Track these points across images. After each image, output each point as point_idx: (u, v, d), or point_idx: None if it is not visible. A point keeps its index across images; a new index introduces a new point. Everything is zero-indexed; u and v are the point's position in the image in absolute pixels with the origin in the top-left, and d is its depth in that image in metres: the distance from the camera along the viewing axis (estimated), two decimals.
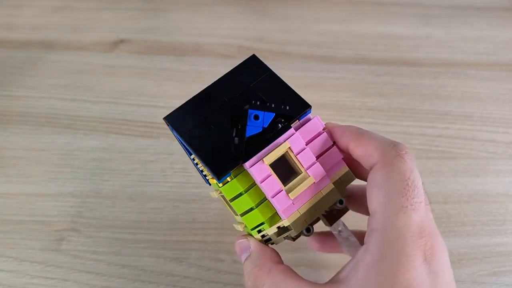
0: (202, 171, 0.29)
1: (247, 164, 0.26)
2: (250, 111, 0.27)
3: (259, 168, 0.26)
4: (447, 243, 0.43)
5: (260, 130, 0.27)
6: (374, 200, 0.25)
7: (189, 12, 0.61)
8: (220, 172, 0.25)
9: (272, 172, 0.26)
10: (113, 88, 0.53)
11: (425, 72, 0.56)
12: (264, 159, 0.26)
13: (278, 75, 0.29)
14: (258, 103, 0.27)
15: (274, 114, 0.27)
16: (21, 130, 0.49)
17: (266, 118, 0.27)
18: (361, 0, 0.63)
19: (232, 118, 0.27)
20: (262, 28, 0.59)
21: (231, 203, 0.27)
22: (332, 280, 0.25)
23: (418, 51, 0.58)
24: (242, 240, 0.29)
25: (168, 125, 0.28)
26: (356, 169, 0.29)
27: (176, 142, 0.48)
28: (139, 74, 0.54)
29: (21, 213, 0.44)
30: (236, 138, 0.26)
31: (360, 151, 0.27)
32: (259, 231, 0.28)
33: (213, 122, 0.27)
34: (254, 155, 0.26)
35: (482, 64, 0.57)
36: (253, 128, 0.26)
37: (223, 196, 0.28)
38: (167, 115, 0.28)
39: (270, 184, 0.26)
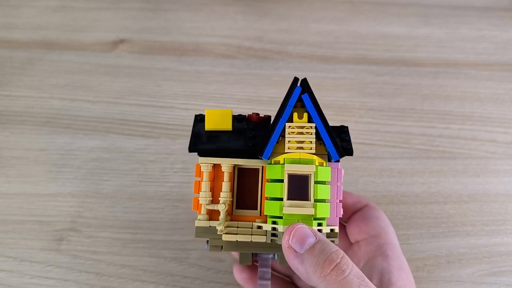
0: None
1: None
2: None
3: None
4: (447, 243, 0.43)
5: None
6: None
7: (189, 12, 0.61)
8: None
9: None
10: (113, 88, 0.53)
11: (425, 72, 0.56)
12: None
13: (278, 75, 0.30)
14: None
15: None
16: (21, 130, 0.49)
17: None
18: (361, 0, 0.63)
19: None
20: (262, 28, 0.59)
21: (267, 183, 0.29)
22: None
23: (418, 51, 0.58)
24: (301, 225, 0.27)
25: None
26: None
27: (176, 142, 0.49)
28: (139, 74, 0.54)
29: (21, 213, 0.44)
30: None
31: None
32: (274, 223, 0.29)
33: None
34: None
35: (482, 64, 0.57)
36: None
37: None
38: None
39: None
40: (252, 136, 0.31)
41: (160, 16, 0.60)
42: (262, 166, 0.31)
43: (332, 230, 0.29)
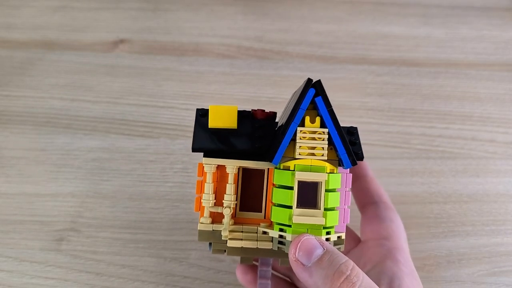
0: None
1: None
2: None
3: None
4: (447, 243, 0.43)
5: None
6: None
7: (189, 12, 0.61)
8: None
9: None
10: (113, 88, 0.53)
11: (425, 72, 0.56)
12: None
13: (278, 75, 0.29)
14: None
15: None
16: (21, 130, 0.49)
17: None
18: (361, 0, 0.63)
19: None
20: (262, 28, 0.59)
21: (275, 188, 0.28)
22: None
23: (418, 51, 0.58)
24: (308, 237, 0.26)
25: None
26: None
27: (176, 142, 0.49)
28: (139, 74, 0.54)
29: (21, 213, 0.44)
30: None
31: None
32: (281, 230, 0.28)
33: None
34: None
35: (482, 64, 0.57)
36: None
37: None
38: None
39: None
40: (259, 136, 0.30)
41: (160, 16, 0.60)
42: (268, 168, 0.30)
43: (339, 237, 0.29)
